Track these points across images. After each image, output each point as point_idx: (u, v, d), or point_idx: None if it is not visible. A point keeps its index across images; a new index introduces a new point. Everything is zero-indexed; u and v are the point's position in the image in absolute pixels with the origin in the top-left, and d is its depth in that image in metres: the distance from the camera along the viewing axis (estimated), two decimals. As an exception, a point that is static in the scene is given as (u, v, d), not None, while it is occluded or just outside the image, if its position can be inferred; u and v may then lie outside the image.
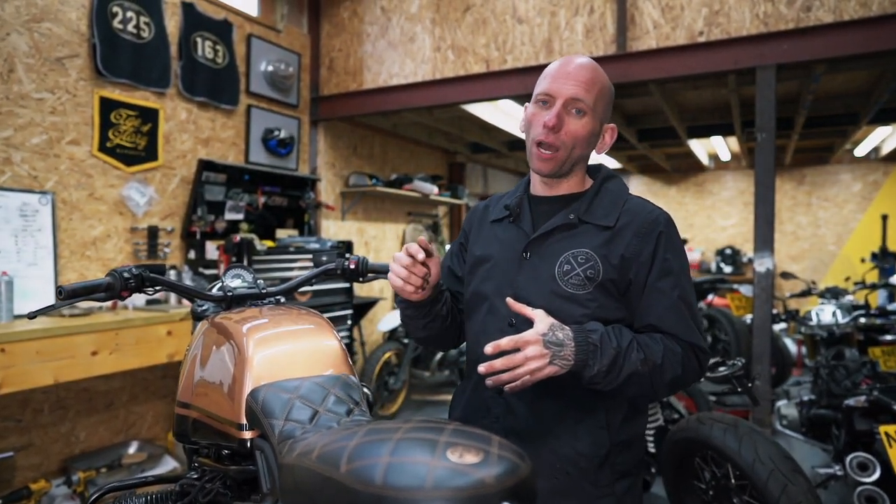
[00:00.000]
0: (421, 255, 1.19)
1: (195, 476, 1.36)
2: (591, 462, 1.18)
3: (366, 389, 1.33)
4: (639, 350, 1.11)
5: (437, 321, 1.37)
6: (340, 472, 0.69)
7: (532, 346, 1.05)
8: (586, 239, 1.22)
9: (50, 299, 2.84)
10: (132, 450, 3.28)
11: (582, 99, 1.20)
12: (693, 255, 8.75)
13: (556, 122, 1.19)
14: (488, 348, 1.06)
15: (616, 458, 1.20)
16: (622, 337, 1.12)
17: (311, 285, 2.06)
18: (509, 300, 1.16)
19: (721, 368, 2.10)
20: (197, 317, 1.55)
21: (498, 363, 1.05)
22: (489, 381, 1.08)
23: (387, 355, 4.41)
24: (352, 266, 1.59)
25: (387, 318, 4.67)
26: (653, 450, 2.57)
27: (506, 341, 1.06)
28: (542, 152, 1.22)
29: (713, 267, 8.57)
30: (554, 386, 1.14)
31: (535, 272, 1.24)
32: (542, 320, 1.09)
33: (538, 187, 1.33)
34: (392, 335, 4.74)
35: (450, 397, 1.43)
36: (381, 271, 1.65)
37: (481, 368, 1.06)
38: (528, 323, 1.12)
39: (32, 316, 1.30)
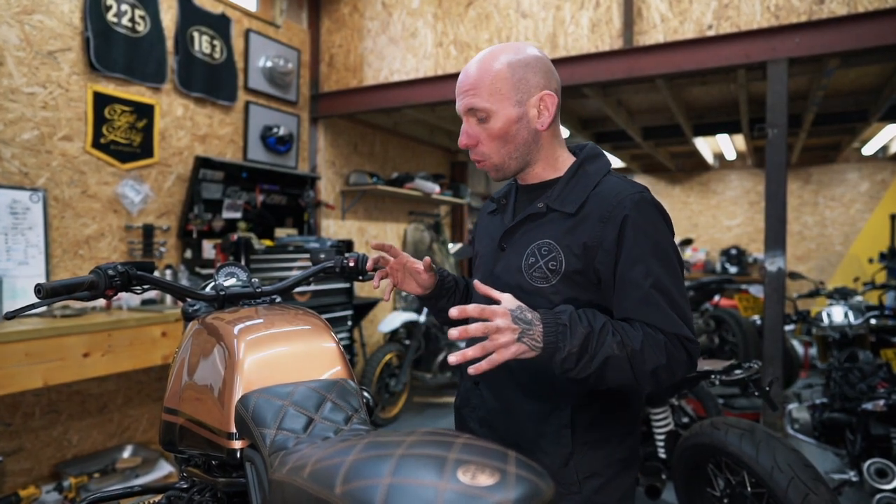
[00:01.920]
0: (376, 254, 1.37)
1: (184, 486, 1.28)
2: (554, 460, 1.15)
3: (366, 394, 1.25)
4: (614, 333, 1.02)
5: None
6: (335, 495, 0.60)
7: (500, 318, 0.96)
8: (550, 228, 1.16)
9: (43, 299, 2.76)
10: (126, 454, 3.20)
11: (475, 106, 1.15)
12: (698, 256, 8.65)
13: (466, 142, 1.20)
14: (453, 311, 0.96)
15: (580, 459, 1.15)
16: (595, 319, 1.03)
17: (309, 284, 1.99)
18: (476, 282, 1.09)
19: (737, 371, 2.02)
20: (188, 317, 1.48)
21: (472, 328, 0.95)
22: (455, 344, 1.08)
23: (388, 357, 4.33)
24: (351, 264, 1.52)
25: (388, 319, 4.58)
26: (664, 455, 2.48)
27: (472, 307, 0.96)
28: (479, 163, 1.22)
29: (718, 267, 8.47)
30: (523, 379, 1.14)
31: (508, 265, 1.22)
32: (509, 300, 1.01)
33: (521, 176, 1.30)
34: (393, 336, 4.66)
35: (452, 399, 1.47)
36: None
37: (452, 332, 0.96)
38: None
39: (10, 316, 1.22)
